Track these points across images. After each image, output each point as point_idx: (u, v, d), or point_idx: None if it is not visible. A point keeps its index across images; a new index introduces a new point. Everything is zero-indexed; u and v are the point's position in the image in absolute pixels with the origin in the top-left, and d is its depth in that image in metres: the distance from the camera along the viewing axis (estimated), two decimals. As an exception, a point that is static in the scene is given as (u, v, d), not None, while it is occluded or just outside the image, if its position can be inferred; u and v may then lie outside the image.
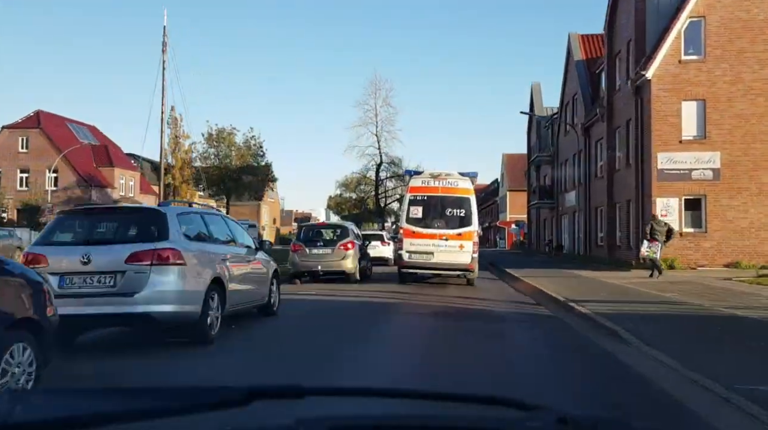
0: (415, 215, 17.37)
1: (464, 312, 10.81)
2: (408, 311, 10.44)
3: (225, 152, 43.45)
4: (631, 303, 10.78)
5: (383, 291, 13.44)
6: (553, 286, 14.82)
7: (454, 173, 17.71)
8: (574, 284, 15.71)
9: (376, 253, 25.51)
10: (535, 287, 15.19)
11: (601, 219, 28.52)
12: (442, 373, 5.92)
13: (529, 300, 12.83)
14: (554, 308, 11.31)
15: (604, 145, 27.07)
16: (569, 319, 9.70)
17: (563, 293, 13.00)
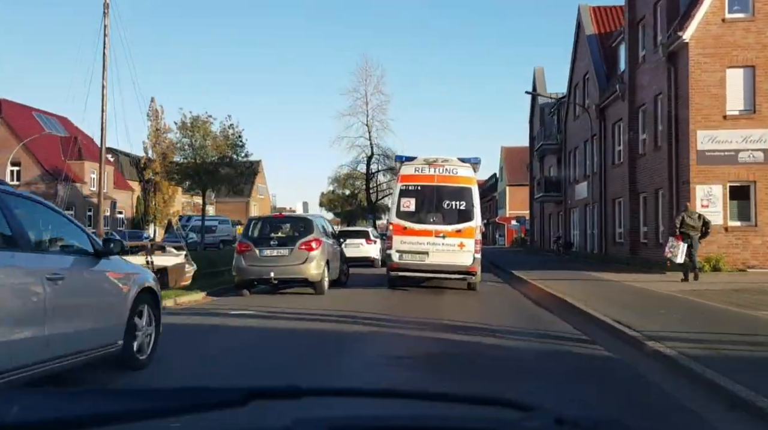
0: (407, 208, 14.51)
1: (472, 356, 6.76)
2: (383, 351, 6.52)
3: (200, 143, 39.58)
4: (725, 333, 7.08)
5: (355, 310, 9.67)
6: (582, 296, 11.24)
7: (452, 159, 14.76)
8: (607, 293, 12.11)
9: (360, 252, 21.90)
10: (556, 298, 11.59)
11: (621, 212, 24.90)
12: None
13: (559, 322, 9.14)
14: (605, 339, 7.61)
15: (624, 128, 23.41)
16: (652, 370, 5.90)
17: (604, 309, 9.40)
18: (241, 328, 8.39)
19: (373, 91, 47.43)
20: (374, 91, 47.45)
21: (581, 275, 17.53)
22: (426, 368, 5.80)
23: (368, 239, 22.21)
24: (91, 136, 55.89)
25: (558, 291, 12.51)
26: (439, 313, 9.55)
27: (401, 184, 14.75)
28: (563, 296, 11.40)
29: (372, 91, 47.42)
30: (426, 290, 14.38)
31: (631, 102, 22.61)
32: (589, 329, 8.27)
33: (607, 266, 21.48)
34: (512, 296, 12.94)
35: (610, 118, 25.77)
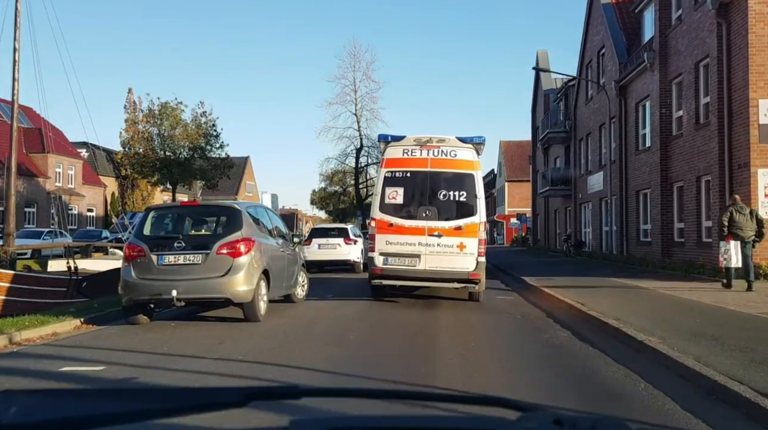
0: (393, 199, 11.51)
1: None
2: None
3: (169, 132, 35.67)
4: None
5: (287, 362, 5.67)
6: (635, 318, 7.60)
7: (450, 139, 11.74)
8: (670, 313, 8.42)
9: (336, 255, 18.15)
10: (605, 325, 7.83)
11: (647, 207, 21.17)
12: None
13: (645, 391, 5.25)
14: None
15: (652, 106, 19.65)
16: None
17: (694, 349, 5.62)
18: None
19: (362, 78, 43.51)
20: (363, 77, 43.53)
21: (608, 283, 13.96)
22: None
23: (347, 238, 18.43)
24: (59, 128, 52.18)
25: (598, 311, 8.79)
26: (431, 365, 5.69)
27: (386, 170, 11.63)
28: (617, 324, 7.60)
29: (361, 78, 43.51)
30: (416, 308, 10.61)
31: (663, 73, 18.86)
32: (710, 412, 4.46)
33: (634, 270, 17.83)
34: (533, 318, 9.15)
35: (633, 96, 22.02)
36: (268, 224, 9.07)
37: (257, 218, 8.67)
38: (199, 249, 7.71)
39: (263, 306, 8.28)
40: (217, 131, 37.27)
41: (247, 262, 7.78)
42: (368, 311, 10.03)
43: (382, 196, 11.53)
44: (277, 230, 9.41)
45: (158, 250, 7.69)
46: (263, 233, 8.62)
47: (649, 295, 11.47)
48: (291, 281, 9.68)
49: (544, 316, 9.26)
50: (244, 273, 7.73)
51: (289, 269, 9.49)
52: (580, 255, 26.85)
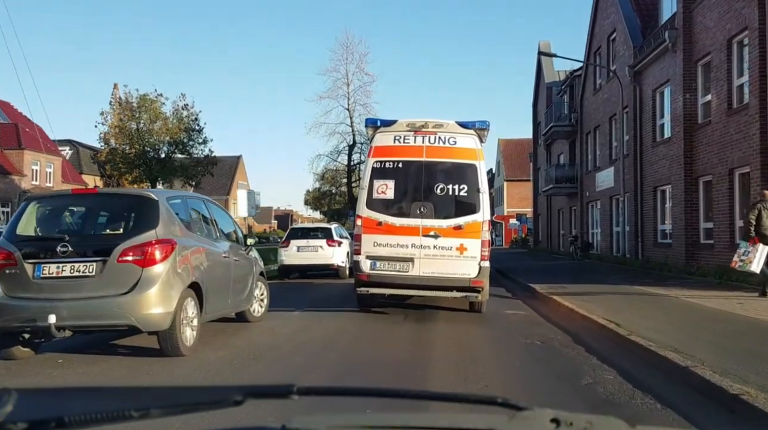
0: (383, 194, 9.86)
1: None
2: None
3: (147, 126, 33.39)
4: None
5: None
6: (724, 360, 5.34)
7: (448, 123, 10.02)
8: (741, 341, 6.22)
9: (318, 258, 16.03)
10: (668, 360, 5.67)
11: (667, 204, 19.05)
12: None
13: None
14: None
15: (676, 89, 17.51)
16: None
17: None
18: None
19: (355, 71, 41.31)
20: (356, 70, 41.34)
21: (632, 291, 11.97)
22: None
23: (330, 239, 16.22)
24: (38, 124, 49.90)
25: (642, 335, 6.66)
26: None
27: (374, 159, 9.94)
28: (682, 361, 5.42)
29: (354, 71, 41.32)
30: (406, 328, 8.43)
31: (687, 54, 16.73)
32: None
33: (655, 275, 15.73)
34: (558, 346, 6.94)
35: (650, 82, 19.89)
36: (205, 221, 6.84)
37: (185, 211, 6.42)
38: (93, 256, 5.42)
39: (190, 334, 6.01)
40: (200, 126, 34.97)
41: (162, 273, 5.52)
42: (344, 332, 7.84)
43: (370, 191, 9.72)
44: (220, 228, 7.16)
45: (35, 257, 5.46)
46: (194, 233, 6.37)
47: (691, 308, 9.32)
48: (242, 295, 7.50)
49: (570, 342, 7.07)
50: (157, 289, 5.47)
51: (239, 280, 7.28)
52: (588, 258, 24.70)
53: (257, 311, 8.20)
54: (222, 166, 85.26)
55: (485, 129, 10.08)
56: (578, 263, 23.00)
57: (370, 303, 10.08)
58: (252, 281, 7.80)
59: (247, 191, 17.47)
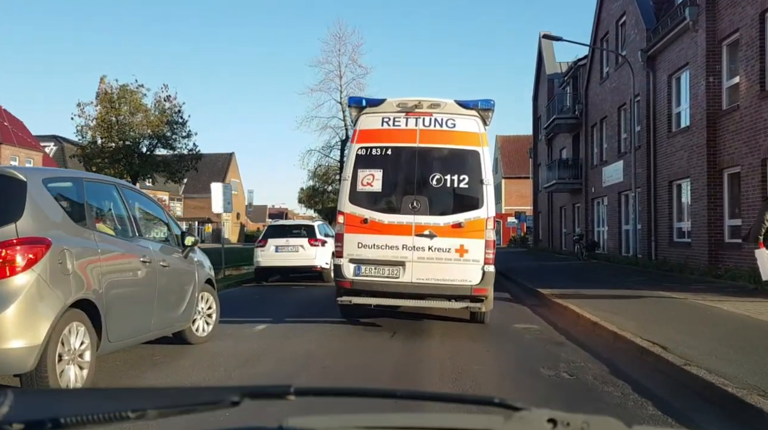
0: (368, 186, 8.40)
1: None
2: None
3: (127, 118, 31.52)
4: None
5: None
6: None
7: (447, 103, 8.51)
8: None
9: (299, 259, 14.37)
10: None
11: (684, 200, 17.41)
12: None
13: None
14: None
15: (697, 73, 15.85)
16: None
17: None
18: None
19: (348, 62, 39.56)
20: (349, 62, 39.56)
21: (656, 296, 10.36)
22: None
23: (312, 238, 14.47)
24: (20, 119, 48.12)
25: (704, 364, 5.00)
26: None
27: (358, 145, 8.48)
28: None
29: (347, 62, 39.57)
30: (395, 348, 6.75)
31: (711, 33, 15.07)
32: None
33: (674, 278, 14.17)
34: (594, 382, 5.23)
35: (666, 67, 18.23)
36: (116, 214, 5.04)
37: (79, 199, 4.67)
38: None
39: (76, 375, 4.27)
40: (183, 118, 33.15)
41: (25, 287, 3.78)
42: (311, 360, 6.08)
43: (353, 182, 8.26)
44: (141, 224, 5.36)
45: None
46: (92, 230, 4.64)
47: (744, 323, 7.63)
48: (176, 311, 5.77)
49: (608, 374, 5.37)
50: (15, 312, 3.72)
51: (171, 291, 5.52)
52: (595, 258, 23.05)
53: (202, 329, 6.46)
54: (214, 163, 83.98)
55: (489, 109, 8.49)
56: (585, 264, 21.35)
57: (356, 313, 8.68)
58: (193, 292, 6.06)
59: (222, 185, 15.63)
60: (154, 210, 6.07)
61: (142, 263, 4.95)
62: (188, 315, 6.00)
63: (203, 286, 6.39)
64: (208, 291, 6.57)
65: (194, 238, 5.96)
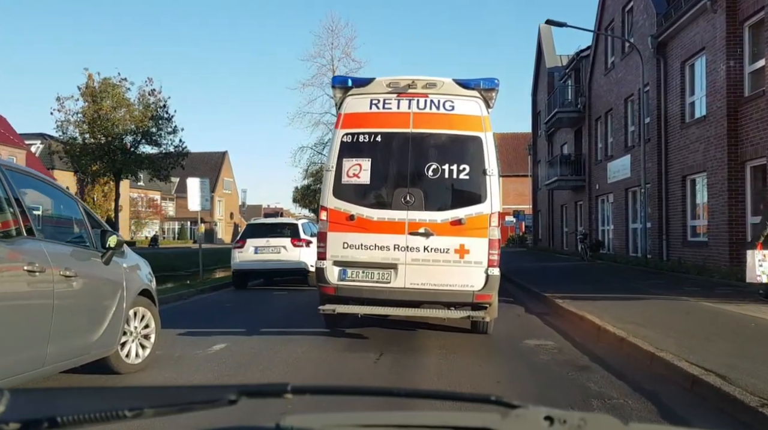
0: (355, 178, 7.38)
1: None
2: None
3: (110, 113, 30.14)
4: None
5: None
6: None
7: (444, 82, 7.49)
8: None
9: (281, 261, 13.12)
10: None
11: (699, 196, 16.17)
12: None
13: None
14: None
15: (716, 58, 14.59)
16: None
17: None
18: None
19: (341, 56, 38.29)
20: (343, 55, 38.31)
21: (683, 304, 9.32)
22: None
23: (296, 238, 13.13)
24: (3, 116, 46.69)
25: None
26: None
27: (343, 131, 7.43)
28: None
29: (340, 56, 38.29)
30: (380, 373, 5.46)
31: (732, 12, 13.83)
32: None
33: (694, 281, 12.95)
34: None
35: (678, 53, 16.97)
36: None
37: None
38: None
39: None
40: (169, 113, 31.81)
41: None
42: (254, 414, 4.84)
43: (338, 173, 7.26)
44: (33, 219, 3.97)
45: None
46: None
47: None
48: (92, 335, 4.39)
49: (655, 414, 4.10)
50: None
51: (80, 310, 4.12)
52: (600, 258, 21.80)
53: (135, 354, 5.10)
54: (207, 162, 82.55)
55: (493, 89, 7.40)
56: (590, 265, 20.10)
57: (342, 322, 7.67)
58: (119, 308, 4.73)
59: (200, 180, 14.28)
60: (62, 201, 4.73)
61: (27, 272, 3.63)
62: (112, 338, 4.67)
63: (137, 299, 5.06)
64: (145, 305, 5.23)
65: (118, 238, 4.64)
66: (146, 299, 5.28)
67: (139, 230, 65.40)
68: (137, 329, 5.16)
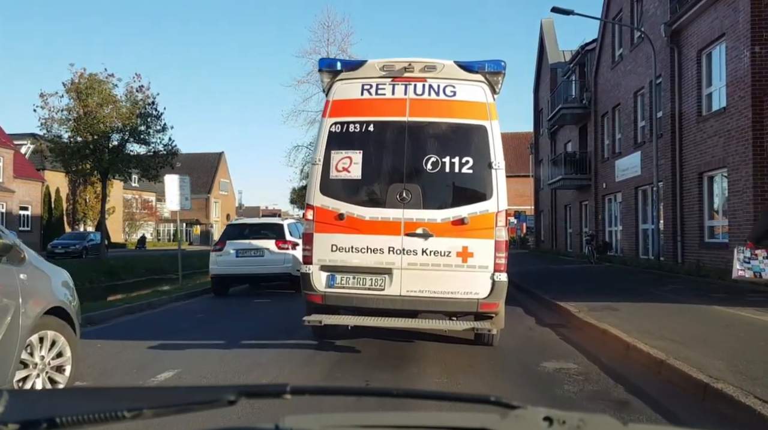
0: (345, 173, 6.43)
1: None
2: None
3: (95, 111, 28.91)
4: None
5: None
6: None
7: (444, 64, 6.53)
8: None
9: (263, 266, 11.97)
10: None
11: (718, 194, 15.04)
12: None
13: None
14: None
15: (738, 44, 13.47)
16: None
17: None
18: None
19: (337, 53, 37.08)
20: (339, 52, 37.09)
21: (719, 315, 8.34)
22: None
23: (281, 240, 11.92)
24: None
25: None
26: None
27: (331, 120, 6.54)
28: None
29: (336, 53, 37.08)
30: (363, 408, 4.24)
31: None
32: None
33: (720, 287, 11.78)
34: None
35: (695, 41, 15.83)
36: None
37: None
38: None
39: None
40: (158, 110, 30.60)
41: None
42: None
43: (326, 167, 6.41)
44: None
45: None
46: None
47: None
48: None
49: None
50: None
51: None
52: (609, 261, 20.66)
53: (42, 390, 4.00)
54: (203, 163, 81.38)
55: (500, 72, 6.52)
56: (598, 268, 18.96)
57: (331, 332, 6.79)
58: (8, 332, 3.55)
59: (179, 177, 13.12)
60: None
61: None
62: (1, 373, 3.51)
63: (44, 320, 3.90)
64: (57, 328, 4.07)
65: (6, 241, 3.48)
66: (59, 320, 4.12)
67: (134, 231, 64.24)
68: (44, 360, 3.99)
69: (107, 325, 8.25)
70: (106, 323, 8.40)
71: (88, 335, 7.37)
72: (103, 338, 7.27)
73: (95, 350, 6.41)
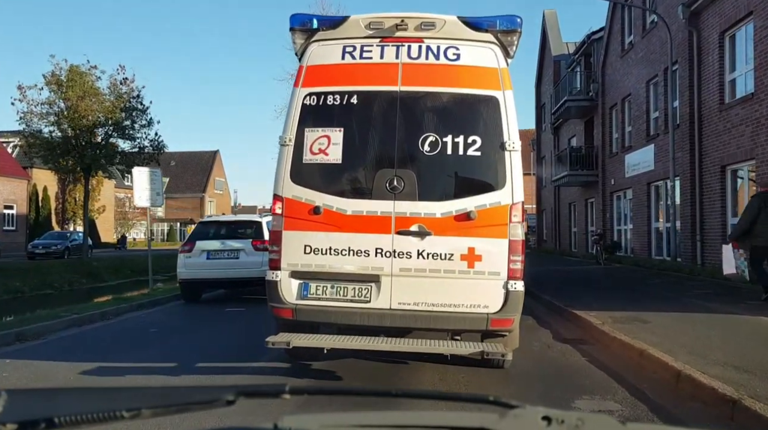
0: (321, 155, 5.09)
1: None
2: None
3: (75, 104, 27.51)
4: None
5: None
6: None
7: (444, 21, 5.09)
8: None
9: (236, 270, 10.61)
10: None
11: (744, 189, 13.73)
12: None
13: None
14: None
15: (756, 30, 12.14)
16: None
17: None
18: None
19: (331, 45, 35.85)
20: (333, 44, 35.88)
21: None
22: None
23: (258, 239, 10.51)
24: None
25: None
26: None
27: (306, 90, 5.23)
28: None
29: (330, 45, 35.85)
30: None
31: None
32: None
33: (751, 292, 10.42)
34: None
35: (715, 23, 14.52)
36: None
37: None
38: None
39: None
40: (143, 104, 29.24)
41: None
42: None
43: (298, 150, 5.20)
44: None
45: None
46: None
47: None
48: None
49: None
50: None
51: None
52: (619, 262, 19.36)
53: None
54: (198, 161, 79.93)
55: (515, 31, 5.26)
56: (610, 270, 17.64)
57: (308, 353, 5.48)
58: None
59: (149, 170, 11.76)
60: None
61: None
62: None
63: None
64: None
65: None
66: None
67: (126, 231, 62.77)
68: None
69: (41, 341, 6.92)
70: (42, 338, 7.07)
71: (8, 355, 6.03)
72: (26, 358, 5.95)
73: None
